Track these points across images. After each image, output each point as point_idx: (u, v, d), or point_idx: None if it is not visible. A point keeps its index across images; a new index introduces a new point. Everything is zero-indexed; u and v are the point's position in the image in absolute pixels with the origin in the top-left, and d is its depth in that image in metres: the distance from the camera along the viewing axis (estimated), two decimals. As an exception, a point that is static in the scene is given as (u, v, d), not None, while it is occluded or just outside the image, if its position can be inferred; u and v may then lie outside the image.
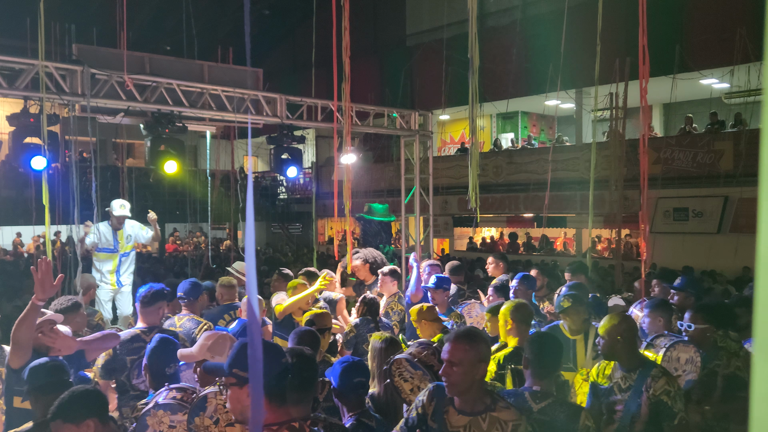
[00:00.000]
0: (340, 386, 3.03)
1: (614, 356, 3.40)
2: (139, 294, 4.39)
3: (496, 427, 2.60)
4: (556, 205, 16.27)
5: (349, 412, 3.05)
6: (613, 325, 3.37)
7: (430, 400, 2.74)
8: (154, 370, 3.41)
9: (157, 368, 3.41)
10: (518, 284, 5.46)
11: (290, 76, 22.41)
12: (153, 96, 7.79)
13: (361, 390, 3.09)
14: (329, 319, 4.41)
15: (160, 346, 3.45)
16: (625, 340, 3.35)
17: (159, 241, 7.97)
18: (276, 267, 8.80)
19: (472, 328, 3.14)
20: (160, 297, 4.42)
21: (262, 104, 8.88)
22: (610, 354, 3.39)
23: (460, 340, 2.67)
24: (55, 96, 6.87)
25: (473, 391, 2.65)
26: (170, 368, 3.43)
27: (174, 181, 13.50)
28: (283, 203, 25.15)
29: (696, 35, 14.60)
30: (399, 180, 11.24)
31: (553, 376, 3.11)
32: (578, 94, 17.26)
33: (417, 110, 11.01)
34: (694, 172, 14.26)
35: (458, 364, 2.60)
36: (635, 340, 3.49)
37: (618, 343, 3.34)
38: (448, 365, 2.62)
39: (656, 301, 4.73)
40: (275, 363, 2.28)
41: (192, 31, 12.01)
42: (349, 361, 3.11)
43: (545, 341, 3.17)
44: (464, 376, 2.60)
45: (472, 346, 2.65)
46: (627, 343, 3.36)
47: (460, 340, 2.66)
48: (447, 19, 16.04)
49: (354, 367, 3.06)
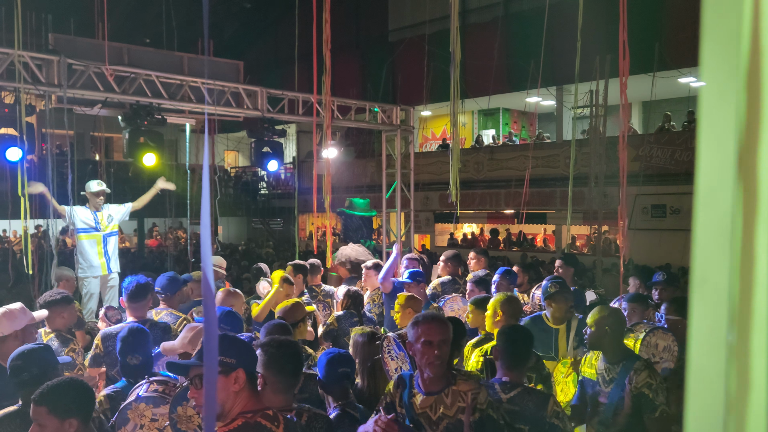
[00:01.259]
0: (325, 377, 3.09)
1: (600, 347, 3.45)
2: (125, 288, 4.33)
3: (458, 399, 2.72)
4: (537, 202, 16.38)
5: (334, 402, 3.08)
6: (602, 315, 3.43)
7: (396, 387, 2.87)
8: (121, 359, 3.42)
9: (122, 358, 3.41)
10: (500, 279, 5.48)
11: (272, 69, 22.25)
12: (131, 87, 7.69)
13: (346, 381, 3.13)
14: (300, 311, 4.39)
15: (127, 336, 3.43)
16: (612, 332, 3.41)
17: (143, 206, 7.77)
18: (255, 262, 8.78)
19: (435, 313, 3.24)
20: (147, 289, 4.38)
21: (242, 97, 8.81)
22: (597, 344, 3.45)
23: (440, 320, 2.84)
24: (31, 86, 6.76)
25: (444, 369, 2.78)
26: (134, 359, 3.38)
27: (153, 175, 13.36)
28: (264, 198, 25.01)
29: (675, 34, 14.74)
30: (380, 175, 11.23)
31: (523, 367, 3.15)
32: (559, 91, 17.36)
33: (399, 105, 11.00)
34: (672, 169, 14.42)
35: (446, 342, 2.75)
36: (622, 332, 3.55)
37: (606, 334, 3.40)
38: (440, 345, 2.71)
39: (633, 294, 4.81)
40: (250, 348, 2.31)
41: (172, 23, 11.88)
42: (334, 353, 3.16)
43: (516, 333, 3.22)
44: (446, 353, 2.76)
45: (449, 326, 2.84)
46: (614, 335, 3.41)
47: (441, 321, 2.84)
48: (429, 14, 16.03)
49: (339, 359, 3.11)
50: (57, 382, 2.56)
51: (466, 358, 4.15)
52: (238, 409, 2.14)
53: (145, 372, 3.33)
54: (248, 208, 24.26)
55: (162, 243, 22.61)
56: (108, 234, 7.50)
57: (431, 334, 2.71)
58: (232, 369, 2.13)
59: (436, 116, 21.65)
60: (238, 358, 2.16)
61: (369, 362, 3.52)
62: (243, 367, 2.15)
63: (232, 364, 2.13)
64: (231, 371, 2.13)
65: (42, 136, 10.09)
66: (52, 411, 2.44)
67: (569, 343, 4.31)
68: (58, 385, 2.53)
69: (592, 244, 15.34)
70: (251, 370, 2.23)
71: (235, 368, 2.13)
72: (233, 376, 2.13)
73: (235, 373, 2.13)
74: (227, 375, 2.12)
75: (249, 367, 2.21)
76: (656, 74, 13.87)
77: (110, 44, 7.87)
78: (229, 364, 2.13)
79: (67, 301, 4.41)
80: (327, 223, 6.76)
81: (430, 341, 2.70)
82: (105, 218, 7.48)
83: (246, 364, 2.18)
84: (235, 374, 2.13)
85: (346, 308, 5.36)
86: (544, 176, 16.24)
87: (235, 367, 2.13)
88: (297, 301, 4.63)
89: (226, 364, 2.13)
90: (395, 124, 10.74)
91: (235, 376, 2.13)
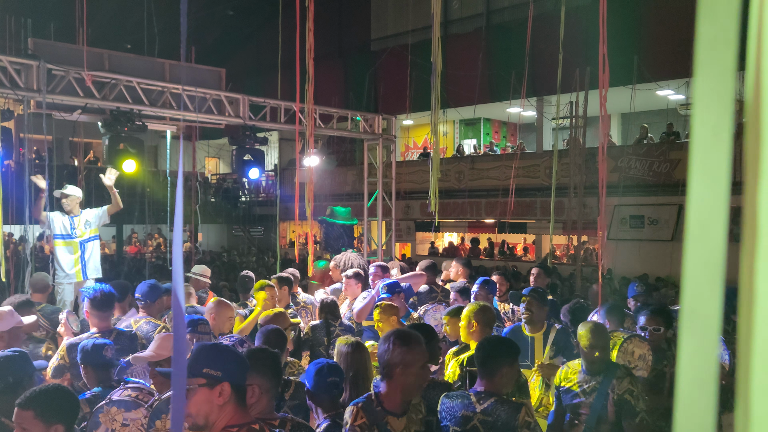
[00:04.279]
0: (313, 387, 3.07)
1: (592, 370, 3.51)
2: (89, 296, 4.13)
3: (415, 411, 2.83)
4: (517, 211, 16.48)
5: (324, 413, 3.06)
6: (595, 336, 3.49)
7: (359, 418, 2.72)
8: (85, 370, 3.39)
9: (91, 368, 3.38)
10: (479, 289, 5.49)
11: (254, 77, 22.21)
12: (112, 93, 7.63)
13: (335, 390, 3.12)
14: (283, 320, 4.38)
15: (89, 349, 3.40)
16: (603, 352, 3.50)
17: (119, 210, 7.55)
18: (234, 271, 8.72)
19: (409, 331, 3.15)
20: (112, 299, 4.28)
21: (224, 104, 8.78)
22: (598, 369, 3.49)
23: (417, 342, 2.80)
24: (10, 91, 6.68)
25: None
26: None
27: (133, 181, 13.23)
28: (245, 206, 24.88)
29: (653, 47, 14.97)
30: (362, 184, 11.24)
31: (496, 375, 3.14)
32: (539, 102, 17.52)
33: (381, 114, 11.04)
34: (650, 180, 14.60)
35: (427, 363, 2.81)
36: (608, 347, 3.61)
37: (599, 358, 3.48)
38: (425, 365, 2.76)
39: (610, 305, 4.86)
40: (239, 361, 2.24)
41: (153, 29, 11.82)
42: (323, 363, 3.16)
43: (491, 343, 3.23)
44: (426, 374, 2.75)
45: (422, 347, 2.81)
46: (604, 355, 3.51)
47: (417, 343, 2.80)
48: (411, 24, 16.14)
49: (327, 368, 3.10)
50: (44, 387, 2.54)
51: (445, 367, 4.16)
52: (223, 423, 2.10)
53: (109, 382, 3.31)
54: (229, 216, 24.12)
55: (141, 249, 22.39)
56: (85, 240, 7.27)
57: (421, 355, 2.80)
58: (217, 381, 2.08)
59: (418, 125, 21.73)
60: (224, 371, 2.10)
61: (351, 372, 3.51)
62: (229, 380, 2.10)
63: (217, 377, 2.09)
64: (216, 384, 2.08)
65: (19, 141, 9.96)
66: (38, 415, 2.41)
67: (545, 352, 4.35)
68: (45, 390, 2.51)
69: (572, 254, 15.47)
70: (239, 383, 2.17)
71: (220, 381, 2.09)
72: (218, 389, 2.08)
73: (220, 386, 2.08)
74: (212, 387, 2.08)
75: (236, 379, 2.15)
76: (635, 87, 14.06)
77: (91, 50, 7.81)
78: (213, 377, 2.08)
79: (28, 306, 4.40)
80: (308, 231, 6.74)
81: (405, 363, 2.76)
82: (82, 224, 7.27)
83: (232, 377, 2.13)
84: (219, 387, 2.08)
85: (322, 318, 5.36)
86: (525, 186, 16.36)
87: (220, 380, 2.09)
88: (281, 310, 4.62)
89: (211, 376, 2.08)
90: (377, 133, 10.77)
91: (219, 389, 2.08)
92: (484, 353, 3.14)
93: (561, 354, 4.38)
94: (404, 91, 15.44)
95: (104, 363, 3.38)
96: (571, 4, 7.88)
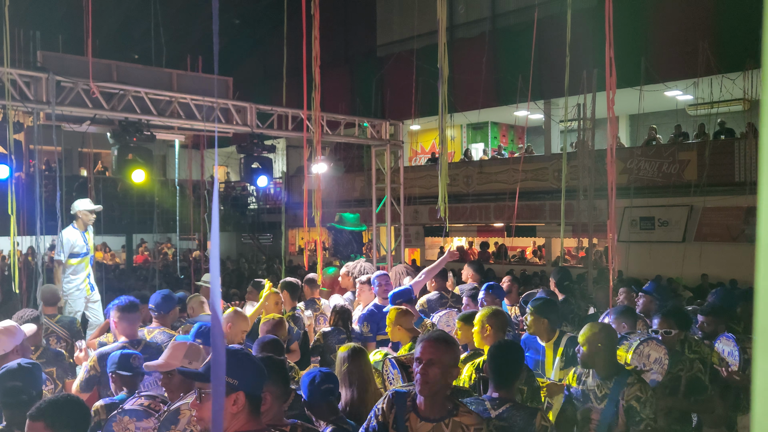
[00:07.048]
0: (309, 397, 3.05)
1: (593, 365, 3.44)
2: (117, 306, 4.22)
3: (458, 431, 2.59)
4: (526, 215, 16.43)
5: (325, 422, 3.04)
6: (593, 333, 3.43)
7: (390, 407, 2.70)
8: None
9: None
10: (485, 295, 5.43)
11: (261, 85, 22.30)
12: (120, 104, 7.68)
13: (331, 396, 3.10)
14: (282, 330, 4.38)
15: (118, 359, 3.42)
16: (605, 348, 3.41)
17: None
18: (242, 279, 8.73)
19: (446, 333, 3.14)
20: (137, 308, 4.32)
21: (231, 113, 8.81)
22: (590, 362, 3.44)
23: (439, 341, 2.69)
24: (20, 103, 6.74)
25: (441, 395, 2.63)
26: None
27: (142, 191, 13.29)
28: (254, 213, 24.93)
29: (661, 48, 14.92)
30: (370, 190, 11.24)
31: (513, 385, 3.12)
32: (547, 105, 17.48)
33: (388, 120, 11.05)
34: (659, 181, 14.52)
35: (437, 363, 2.59)
36: (614, 348, 3.55)
37: (599, 351, 3.40)
38: (427, 365, 2.60)
39: (621, 308, 4.81)
40: (257, 370, 2.24)
41: (161, 39, 11.88)
42: (315, 373, 3.14)
43: (505, 351, 3.19)
44: (440, 377, 2.60)
45: (449, 348, 2.68)
46: (606, 351, 3.42)
47: (439, 342, 2.68)
48: (417, 30, 16.15)
49: (320, 376, 3.08)
50: (55, 399, 2.54)
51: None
52: (235, 429, 2.12)
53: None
54: (237, 223, 24.17)
55: (149, 259, 22.46)
56: (91, 256, 7.49)
57: (422, 353, 2.64)
58: (232, 390, 2.10)
59: (425, 130, 21.73)
60: (242, 380, 2.12)
61: (350, 376, 3.50)
62: (244, 389, 2.12)
63: (233, 385, 2.10)
64: (231, 392, 2.10)
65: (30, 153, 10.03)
66: (49, 426, 2.41)
67: (555, 362, 4.30)
68: (55, 401, 2.51)
69: (582, 257, 15.39)
70: (255, 393, 2.19)
71: (236, 389, 2.10)
72: (233, 397, 2.10)
73: (236, 394, 2.10)
74: (227, 395, 2.09)
75: (252, 389, 2.17)
76: (643, 88, 14.01)
77: (99, 61, 7.87)
78: (229, 385, 2.09)
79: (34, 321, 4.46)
80: (317, 238, 6.75)
81: (430, 359, 2.60)
82: (92, 239, 7.45)
83: (248, 386, 2.14)
84: (235, 395, 2.10)
85: (334, 324, 5.35)
86: (533, 189, 16.32)
87: (236, 388, 2.10)
88: (281, 318, 4.61)
89: (228, 384, 2.08)
90: (384, 139, 10.77)
91: (234, 397, 2.10)
92: (497, 360, 3.11)
93: (572, 364, 4.33)
94: (411, 96, 15.46)
95: (132, 373, 3.43)
96: (577, 7, 7.87)
